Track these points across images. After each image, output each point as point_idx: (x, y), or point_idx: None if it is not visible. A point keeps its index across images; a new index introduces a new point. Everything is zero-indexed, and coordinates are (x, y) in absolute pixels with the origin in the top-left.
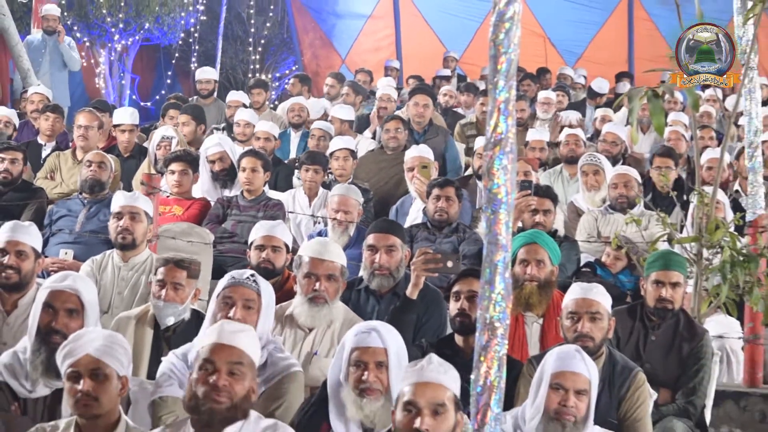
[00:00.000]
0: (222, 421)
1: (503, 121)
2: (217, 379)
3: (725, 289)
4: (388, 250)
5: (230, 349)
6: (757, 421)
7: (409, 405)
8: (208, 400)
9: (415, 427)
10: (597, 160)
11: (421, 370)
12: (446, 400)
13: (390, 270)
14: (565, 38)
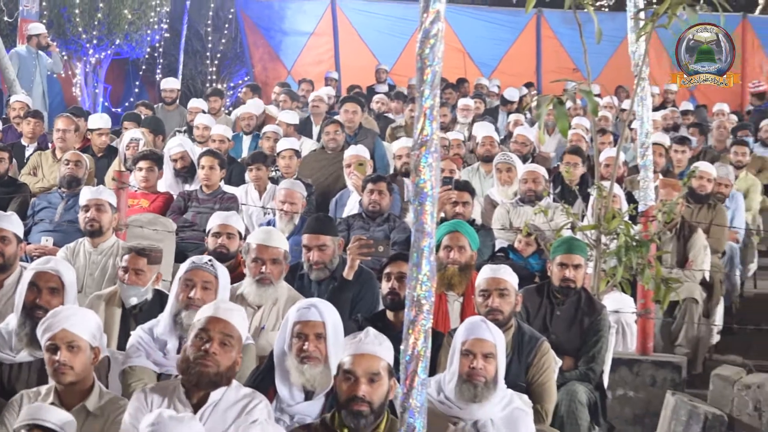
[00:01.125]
0: (208, 384)
1: (429, 125)
2: (210, 347)
3: (620, 270)
4: (320, 248)
5: (224, 322)
6: (648, 384)
7: (348, 373)
8: (199, 364)
9: (354, 393)
10: (509, 159)
11: (359, 343)
12: (381, 369)
13: (324, 264)
14: (481, 53)
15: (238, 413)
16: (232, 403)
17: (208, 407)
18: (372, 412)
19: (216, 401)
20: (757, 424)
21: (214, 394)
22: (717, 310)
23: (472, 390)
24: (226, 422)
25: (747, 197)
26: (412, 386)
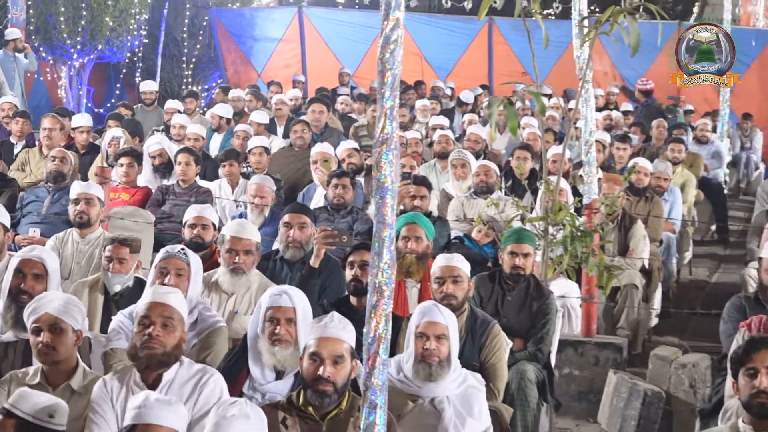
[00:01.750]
0: (157, 364)
1: (389, 124)
2: (152, 331)
3: (566, 258)
4: (300, 226)
5: (162, 306)
6: (592, 364)
7: (313, 355)
8: (145, 348)
9: (319, 374)
10: (464, 156)
11: (324, 327)
12: (344, 352)
13: (301, 243)
14: (437, 57)
15: (193, 388)
16: (185, 380)
17: (164, 387)
18: (335, 392)
19: (170, 380)
20: (692, 400)
21: (167, 374)
22: (655, 295)
23: (427, 369)
24: (182, 399)
25: (683, 191)
26: (374, 366)
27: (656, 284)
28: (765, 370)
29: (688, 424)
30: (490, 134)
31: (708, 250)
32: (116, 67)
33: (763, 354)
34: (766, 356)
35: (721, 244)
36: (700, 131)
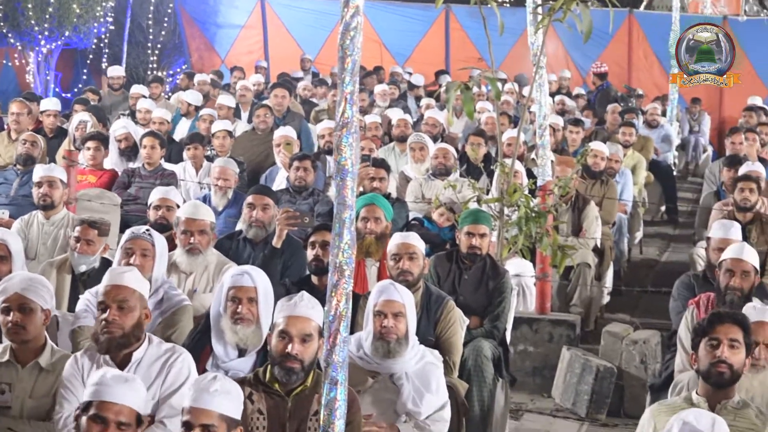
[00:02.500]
0: (118, 347)
1: (349, 108)
2: (108, 315)
3: (521, 238)
4: (263, 207)
5: (116, 287)
6: (546, 340)
7: (282, 333)
8: (104, 333)
9: (287, 351)
10: (422, 139)
11: (294, 306)
12: (312, 330)
13: (264, 223)
14: (396, 44)
15: (161, 367)
16: (154, 359)
17: (133, 365)
18: (303, 369)
19: (139, 359)
20: (643, 375)
21: (136, 353)
22: (607, 274)
23: (386, 346)
24: (150, 377)
25: (634, 173)
26: (335, 343)
27: (608, 263)
28: (727, 342)
29: (638, 399)
30: (447, 118)
31: (658, 230)
32: (83, 53)
33: (727, 327)
34: (729, 329)
35: (670, 225)
36: (650, 115)
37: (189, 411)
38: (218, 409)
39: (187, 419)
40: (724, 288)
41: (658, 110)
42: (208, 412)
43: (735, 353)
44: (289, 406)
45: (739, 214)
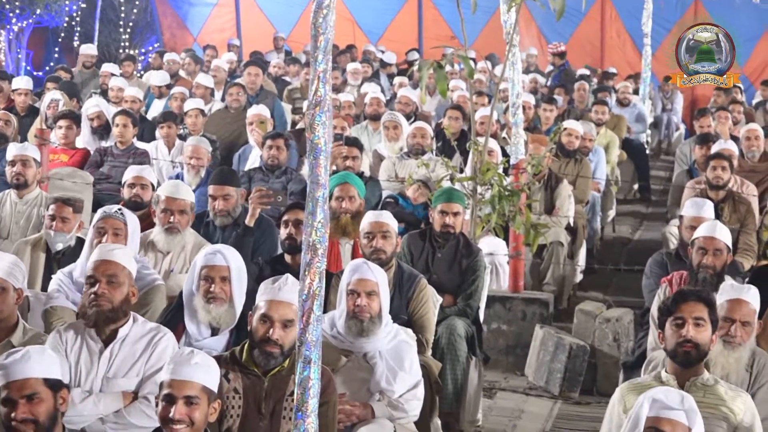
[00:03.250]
0: (106, 320)
1: (322, 87)
2: (98, 289)
3: (494, 217)
4: (224, 198)
5: (107, 263)
6: (519, 319)
7: (264, 317)
8: (93, 305)
9: (268, 336)
10: (395, 117)
11: (277, 290)
12: (294, 316)
13: (228, 211)
14: (368, 22)
15: (146, 345)
16: (139, 336)
17: (117, 342)
18: (282, 354)
19: (124, 336)
20: (615, 353)
21: (122, 330)
22: (580, 252)
23: (359, 325)
24: (135, 354)
25: (607, 151)
26: (308, 322)
27: (581, 241)
28: (692, 321)
29: (611, 377)
30: (421, 97)
31: (631, 209)
32: (54, 31)
33: (691, 305)
34: (693, 307)
35: (643, 203)
36: (621, 93)
37: (170, 384)
38: (200, 381)
39: (169, 392)
40: (696, 266)
41: (630, 88)
42: (191, 384)
43: (700, 331)
44: (265, 386)
45: (711, 192)
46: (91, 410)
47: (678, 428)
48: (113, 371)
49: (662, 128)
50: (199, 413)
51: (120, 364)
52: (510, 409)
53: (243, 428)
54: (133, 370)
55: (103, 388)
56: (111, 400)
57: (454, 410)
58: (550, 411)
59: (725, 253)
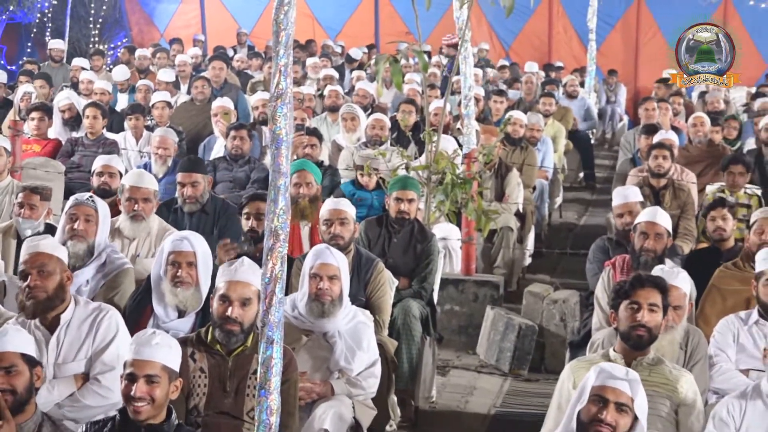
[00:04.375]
0: (45, 309)
1: (284, 80)
2: (30, 281)
3: (448, 203)
4: (192, 184)
5: (35, 254)
6: (471, 300)
7: (223, 297)
8: (29, 298)
9: (227, 314)
10: (353, 109)
11: (234, 271)
12: (252, 295)
13: (196, 198)
14: (327, 18)
15: (89, 327)
16: (83, 319)
17: (62, 327)
18: (242, 332)
19: (68, 320)
20: (562, 333)
21: (64, 315)
22: (529, 237)
23: (321, 307)
24: (81, 337)
25: (554, 141)
26: (270, 304)
27: (530, 227)
28: (647, 306)
29: (558, 355)
30: (377, 89)
31: (577, 195)
32: (27, 27)
33: (647, 291)
34: (649, 294)
35: (588, 190)
36: (570, 86)
37: (132, 363)
38: (161, 361)
39: (131, 371)
40: (638, 249)
41: (576, 81)
42: (152, 363)
43: (654, 317)
44: (229, 365)
45: (653, 179)
46: (47, 397)
47: (621, 397)
48: (62, 357)
49: (606, 119)
50: (159, 391)
51: (68, 348)
52: (462, 386)
53: (209, 406)
54: (81, 353)
55: (56, 374)
56: (64, 385)
57: (409, 387)
58: (501, 387)
59: (665, 237)
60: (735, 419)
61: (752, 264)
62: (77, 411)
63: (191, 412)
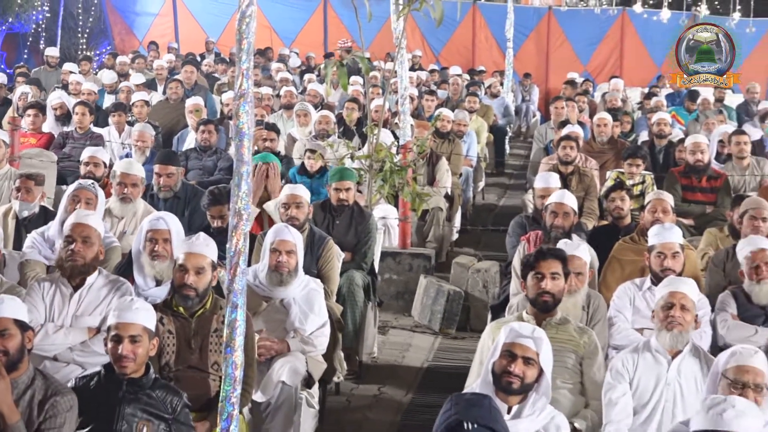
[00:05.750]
0: (79, 273)
1: (246, 82)
2: (74, 246)
3: (387, 188)
4: (167, 175)
5: (82, 225)
6: (407, 270)
7: (181, 266)
8: (69, 260)
9: (184, 281)
10: (305, 107)
11: (191, 244)
12: (206, 265)
13: (170, 186)
14: (283, 28)
15: (108, 292)
16: (102, 285)
17: (85, 288)
18: (197, 296)
19: (91, 284)
20: (484, 297)
21: (89, 279)
22: (456, 216)
23: (279, 277)
24: (99, 298)
25: (478, 134)
26: (235, 274)
27: (457, 207)
28: (549, 275)
29: (481, 316)
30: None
31: (497, 180)
32: (24, 36)
33: (549, 262)
34: (550, 264)
35: (506, 175)
36: (493, 87)
37: (116, 326)
38: (142, 322)
39: (116, 333)
40: (549, 227)
41: (498, 83)
42: (134, 325)
43: (556, 284)
44: (192, 326)
45: (561, 167)
46: (62, 340)
47: (527, 352)
48: (81, 311)
49: (522, 115)
50: (141, 349)
51: (86, 305)
52: (400, 344)
53: (178, 361)
54: (97, 311)
55: (72, 324)
56: (78, 333)
57: (354, 345)
58: (432, 344)
59: (572, 215)
60: (629, 370)
61: (646, 238)
62: (86, 356)
63: (164, 369)
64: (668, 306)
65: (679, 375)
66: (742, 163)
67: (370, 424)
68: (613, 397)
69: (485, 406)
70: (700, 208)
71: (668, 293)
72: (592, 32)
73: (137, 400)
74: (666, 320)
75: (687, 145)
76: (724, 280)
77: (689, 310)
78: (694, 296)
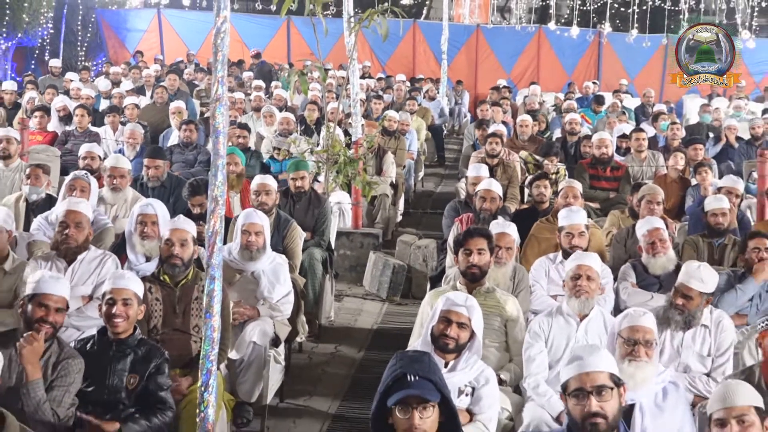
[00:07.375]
0: (73, 253)
1: (221, 87)
2: (68, 231)
3: (341, 177)
4: (155, 167)
5: (74, 212)
6: (359, 247)
7: (168, 241)
8: (63, 243)
9: (171, 252)
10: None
11: (174, 222)
12: (189, 238)
13: (157, 177)
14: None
15: (97, 264)
16: (92, 259)
17: (77, 263)
18: (183, 264)
19: (82, 258)
20: (424, 270)
21: (80, 255)
22: (400, 201)
23: (249, 254)
24: (90, 270)
25: (418, 132)
26: (212, 251)
27: (401, 194)
28: (476, 251)
29: (422, 286)
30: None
31: (434, 171)
32: (31, 49)
33: (476, 240)
34: (477, 241)
35: (441, 167)
36: (431, 92)
37: (111, 291)
38: (132, 288)
39: (110, 297)
40: (479, 210)
41: (434, 89)
42: (126, 290)
43: (482, 258)
44: (177, 294)
45: (488, 159)
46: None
47: (461, 318)
48: (75, 281)
49: (455, 116)
50: (132, 311)
51: (80, 277)
52: (353, 309)
53: (164, 325)
54: (89, 281)
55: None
56: (74, 301)
57: (314, 311)
58: (380, 310)
59: (498, 200)
60: (544, 331)
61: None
62: (81, 320)
63: (152, 331)
64: (576, 277)
65: (586, 335)
66: (640, 156)
67: (328, 377)
68: (532, 354)
69: (425, 362)
70: (604, 194)
71: (576, 266)
72: (513, 46)
73: (125, 356)
74: (574, 289)
75: (593, 140)
76: (625, 254)
77: (594, 280)
78: (597, 268)
